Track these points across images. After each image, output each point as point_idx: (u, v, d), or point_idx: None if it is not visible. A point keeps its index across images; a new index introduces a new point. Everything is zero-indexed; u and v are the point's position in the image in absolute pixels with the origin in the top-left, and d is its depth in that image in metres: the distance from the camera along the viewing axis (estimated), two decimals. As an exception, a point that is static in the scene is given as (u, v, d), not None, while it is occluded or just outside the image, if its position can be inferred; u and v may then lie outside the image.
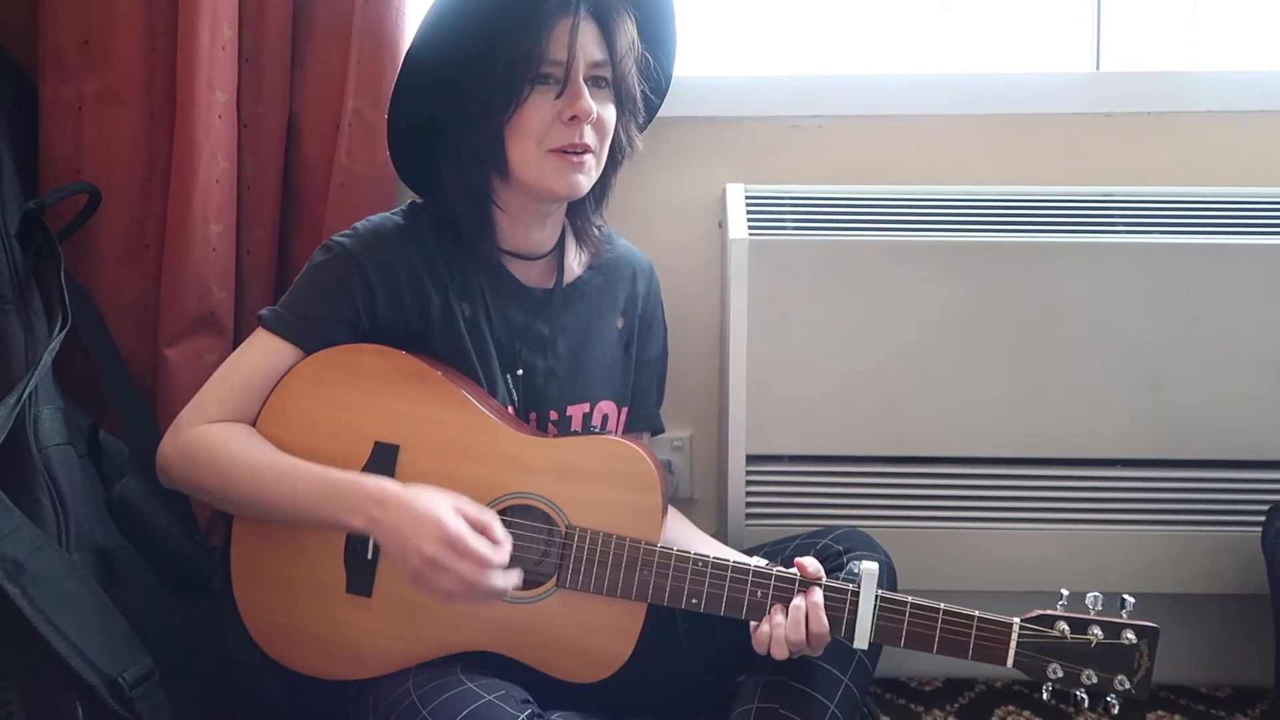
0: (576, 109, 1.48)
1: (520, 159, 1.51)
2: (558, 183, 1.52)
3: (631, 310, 1.73)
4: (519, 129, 1.49)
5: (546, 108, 1.49)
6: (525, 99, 1.48)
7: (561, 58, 1.47)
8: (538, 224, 1.61)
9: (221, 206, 1.85)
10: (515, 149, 1.51)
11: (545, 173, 1.51)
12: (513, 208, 1.59)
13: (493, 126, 1.50)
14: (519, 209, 1.59)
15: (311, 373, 1.51)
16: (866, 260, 1.81)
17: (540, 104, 1.49)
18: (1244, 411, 1.82)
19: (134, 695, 1.45)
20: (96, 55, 1.82)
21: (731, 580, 1.44)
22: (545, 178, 1.52)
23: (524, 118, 1.49)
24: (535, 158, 1.51)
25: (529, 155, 1.50)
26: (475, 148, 1.53)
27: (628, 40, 1.53)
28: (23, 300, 1.66)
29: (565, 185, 1.52)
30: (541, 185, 1.52)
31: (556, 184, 1.52)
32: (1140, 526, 1.85)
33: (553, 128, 1.49)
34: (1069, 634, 1.39)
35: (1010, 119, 2.00)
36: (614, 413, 1.68)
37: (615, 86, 1.54)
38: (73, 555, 1.53)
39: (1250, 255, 1.79)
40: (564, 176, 1.52)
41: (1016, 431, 1.84)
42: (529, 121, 1.49)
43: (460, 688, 1.38)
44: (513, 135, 1.50)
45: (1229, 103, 1.99)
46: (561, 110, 1.49)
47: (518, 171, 1.52)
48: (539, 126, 1.49)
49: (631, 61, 1.55)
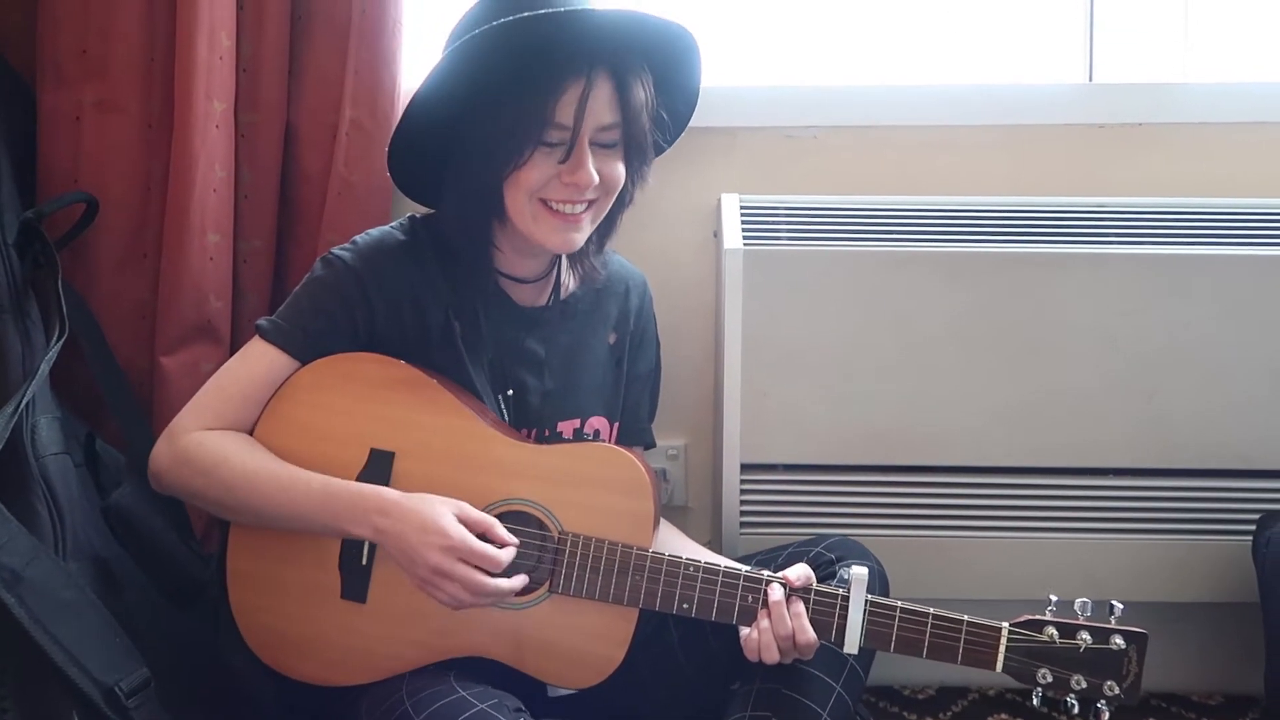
0: (577, 178, 1.47)
1: (516, 210, 1.50)
2: (551, 239, 1.51)
3: (624, 326, 1.73)
4: (517, 183, 1.48)
5: (548, 168, 1.47)
6: (527, 160, 1.46)
7: (568, 123, 1.44)
8: (531, 256, 1.61)
9: (219, 216, 1.86)
10: (512, 200, 1.50)
11: (540, 228, 1.50)
12: (508, 245, 1.59)
13: (492, 177, 1.49)
14: (515, 246, 1.59)
15: (308, 380, 1.52)
16: (860, 270, 1.82)
17: (541, 164, 1.46)
18: (1236, 421, 1.83)
19: (130, 704, 1.45)
20: (95, 64, 1.83)
21: (723, 585, 1.45)
22: (539, 232, 1.51)
23: (523, 175, 1.47)
24: (530, 211, 1.50)
25: (524, 209, 1.49)
26: (475, 192, 1.51)
27: (641, 100, 1.49)
28: (20, 309, 1.67)
29: (559, 241, 1.52)
30: (535, 238, 1.52)
31: (550, 239, 1.51)
32: (1132, 535, 1.86)
33: (551, 184, 1.48)
34: (1058, 638, 1.39)
35: (1004, 130, 2.01)
36: (605, 428, 1.68)
37: (625, 144, 1.51)
38: (69, 564, 1.53)
39: (1243, 265, 1.80)
40: (558, 234, 1.51)
41: (1009, 441, 1.85)
42: (528, 179, 1.47)
43: (453, 696, 1.38)
44: (511, 187, 1.49)
45: (1221, 114, 2.00)
46: (562, 173, 1.47)
47: (514, 220, 1.51)
48: (538, 183, 1.47)
49: (645, 120, 1.51)
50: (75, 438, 1.69)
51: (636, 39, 1.49)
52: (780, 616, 1.41)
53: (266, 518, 1.47)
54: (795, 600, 1.42)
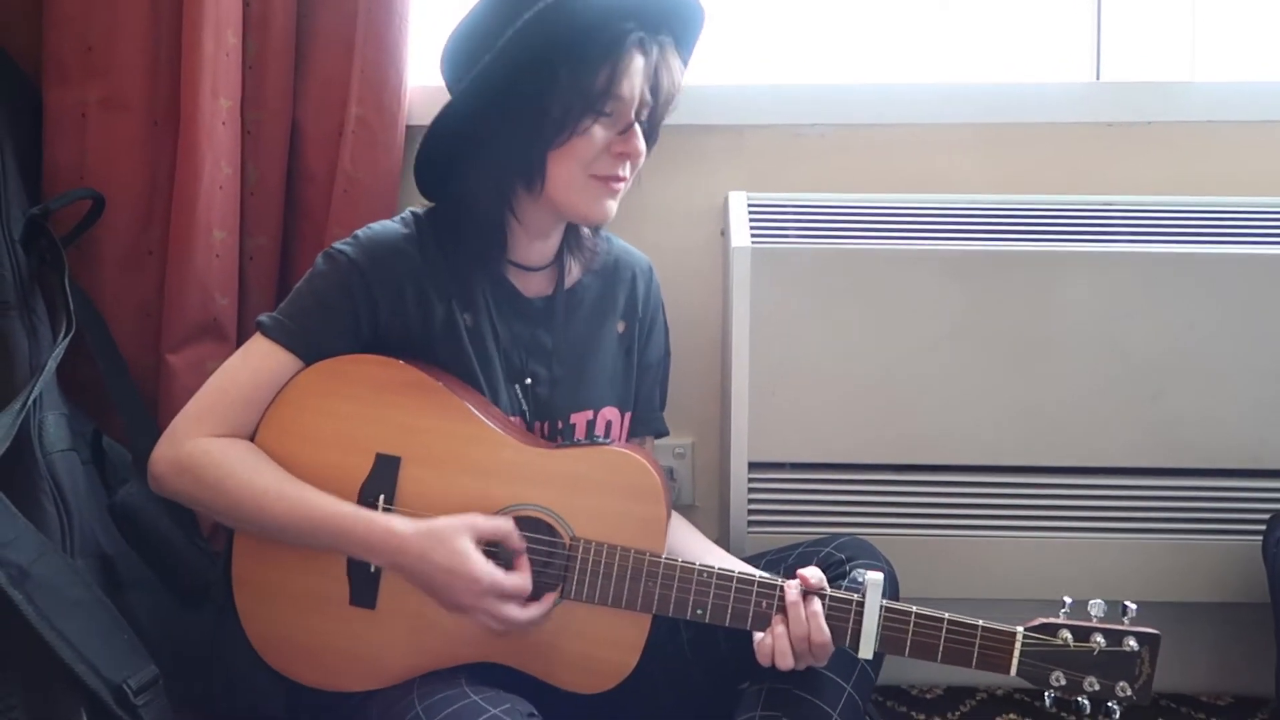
0: (629, 148, 1.50)
1: (561, 181, 1.50)
2: (594, 208, 1.53)
3: (632, 314, 1.72)
4: (567, 154, 1.48)
5: (599, 138, 1.48)
6: (585, 129, 1.47)
7: (629, 95, 1.47)
8: (543, 237, 1.61)
9: (225, 213, 1.85)
10: (558, 171, 1.50)
11: (585, 198, 1.52)
12: (529, 221, 1.58)
13: (540, 147, 1.49)
14: (535, 223, 1.58)
15: (312, 384, 1.50)
16: (868, 268, 1.82)
17: (595, 134, 1.48)
18: (1244, 420, 1.83)
19: (138, 702, 1.45)
20: (100, 62, 1.82)
21: (736, 591, 1.44)
22: (584, 202, 1.52)
23: (576, 145, 1.48)
24: (579, 183, 1.50)
25: (573, 180, 1.50)
26: (515, 163, 1.51)
27: (675, 82, 1.52)
28: (27, 306, 1.67)
29: (600, 211, 1.53)
30: (577, 209, 1.53)
31: (592, 209, 1.53)
32: (1141, 535, 1.86)
33: (600, 157, 1.49)
34: (1072, 642, 1.39)
35: (1011, 128, 2.01)
36: (617, 419, 1.68)
37: (650, 123, 1.54)
38: (76, 561, 1.54)
39: (1250, 265, 1.80)
40: (601, 203, 1.52)
41: (1017, 440, 1.85)
42: (580, 149, 1.48)
43: (465, 700, 1.37)
44: (559, 159, 1.49)
45: (1229, 113, 1.99)
46: (614, 144, 1.49)
47: (554, 192, 1.51)
48: (588, 154, 1.49)
49: (672, 102, 1.54)
50: (82, 434, 1.69)
51: (677, 17, 1.53)
52: (797, 617, 1.40)
53: (275, 535, 1.46)
54: (812, 599, 1.42)
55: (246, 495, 1.44)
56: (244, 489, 1.44)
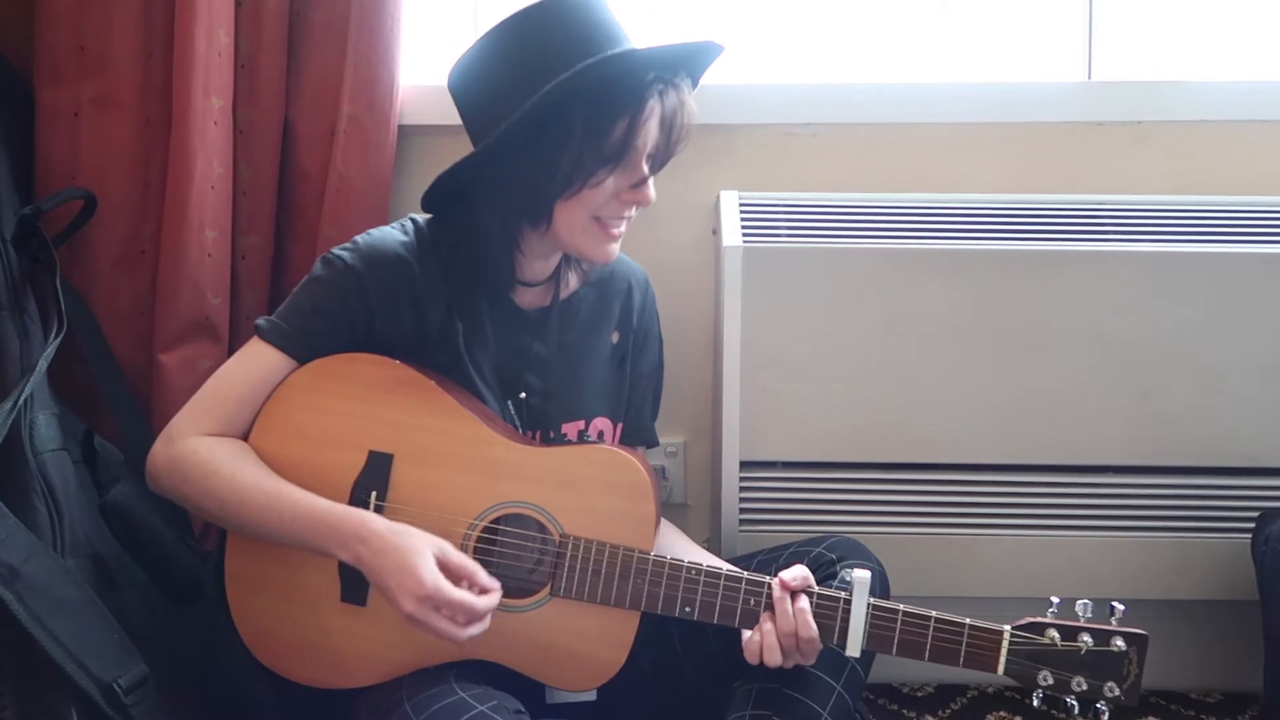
0: (640, 198, 1.51)
1: (566, 224, 1.50)
2: (597, 251, 1.53)
3: (626, 325, 1.72)
4: (577, 202, 1.48)
5: (610, 187, 1.48)
6: (599, 182, 1.47)
7: (645, 147, 1.47)
8: (545, 258, 1.61)
9: (217, 212, 1.86)
10: (565, 215, 1.49)
11: (589, 241, 1.52)
12: (532, 249, 1.57)
13: (550, 195, 1.48)
14: (537, 250, 1.58)
15: (306, 382, 1.51)
16: (860, 268, 1.82)
17: (608, 184, 1.48)
18: (1235, 418, 1.83)
19: (129, 701, 1.45)
20: (93, 61, 1.83)
21: (725, 589, 1.45)
22: (587, 245, 1.52)
23: (585, 195, 1.47)
24: (582, 226, 1.50)
25: (577, 224, 1.50)
26: (524, 205, 1.50)
27: (689, 123, 1.51)
28: (18, 305, 1.67)
29: (603, 253, 1.54)
30: (580, 250, 1.53)
31: (595, 251, 1.53)
32: (1131, 533, 1.86)
33: (609, 203, 1.49)
34: (1059, 641, 1.39)
35: (1003, 127, 2.01)
36: (609, 429, 1.68)
37: (661, 161, 1.52)
38: (68, 561, 1.53)
39: (1241, 263, 1.80)
40: (604, 246, 1.53)
41: (1008, 438, 1.85)
42: (589, 199, 1.48)
43: (453, 697, 1.37)
44: (570, 206, 1.48)
45: (1220, 112, 2.00)
46: (624, 194, 1.49)
47: (559, 233, 1.51)
48: (597, 202, 1.48)
49: (686, 140, 1.52)
50: (73, 434, 1.69)
51: (693, 62, 1.53)
52: (784, 613, 1.41)
53: (257, 533, 1.46)
54: (799, 596, 1.42)
55: (229, 493, 1.44)
56: (226, 487, 1.45)
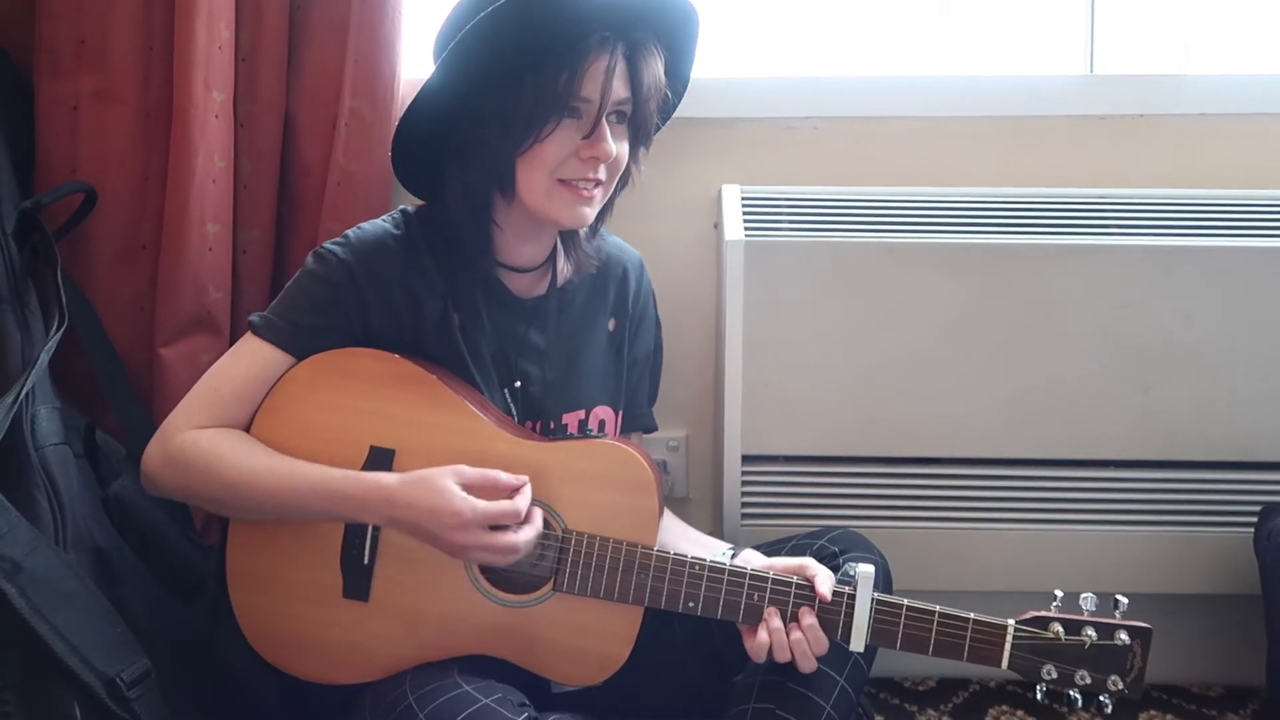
0: (598, 151, 1.48)
1: (529, 186, 1.49)
2: (564, 213, 1.51)
3: (623, 310, 1.72)
4: (534, 158, 1.47)
5: (566, 141, 1.47)
6: (549, 133, 1.46)
7: (593, 96, 1.45)
8: (533, 239, 1.60)
9: (218, 206, 1.85)
10: (526, 176, 1.49)
11: (553, 203, 1.50)
12: (511, 226, 1.57)
13: (508, 152, 1.48)
14: (517, 227, 1.57)
15: (306, 377, 1.51)
16: (861, 261, 1.82)
17: (561, 137, 1.46)
18: (1237, 413, 1.83)
19: (132, 695, 1.45)
20: (93, 54, 1.82)
21: (728, 584, 1.45)
22: (553, 207, 1.50)
23: (542, 149, 1.46)
24: (545, 187, 1.49)
25: (539, 184, 1.49)
26: (485, 168, 1.50)
27: (654, 80, 1.50)
28: (19, 299, 1.66)
29: (571, 216, 1.51)
30: (547, 214, 1.51)
31: (563, 214, 1.51)
32: (1134, 527, 1.86)
33: (568, 161, 1.48)
34: (1063, 635, 1.40)
35: (1005, 121, 2.01)
36: (611, 417, 1.68)
37: (633, 123, 1.52)
38: (70, 555, 1.53)
39: (1243, 257, 1.80)
40: (571, 208, 1.51)
41: (1011, 432, 1.85)
42: (546, 153, 1.47)
43: (457, 690, 1.38)
44: (526, 163, 1.48)
45: (1221, 105, 2.00)
46: (581, 148, 1.48)
47: (525, 197, 1.51)
48: (555, 158, 1.47)
49: (655, 101, 1.52)
50: (75, 428, 1.68)
51: (655, 16, 1.50)
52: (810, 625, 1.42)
53: (268, 512, 1.47)
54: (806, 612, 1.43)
55: (236, 476, 1.45)
56: (233, 470, 1.45)
